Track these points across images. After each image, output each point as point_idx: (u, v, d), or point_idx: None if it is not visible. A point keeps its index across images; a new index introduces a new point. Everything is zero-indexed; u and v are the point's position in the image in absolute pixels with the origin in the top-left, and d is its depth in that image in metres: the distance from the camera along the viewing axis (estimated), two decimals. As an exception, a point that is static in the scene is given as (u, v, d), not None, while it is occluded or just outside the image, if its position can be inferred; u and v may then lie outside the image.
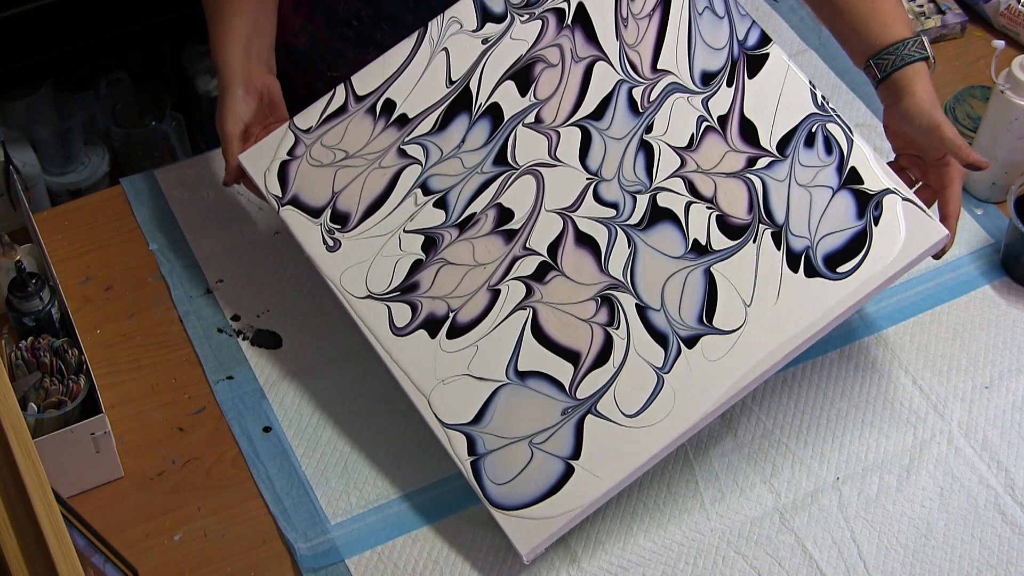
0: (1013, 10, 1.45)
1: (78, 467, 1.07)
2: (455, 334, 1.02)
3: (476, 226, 1.03)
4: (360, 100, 1.10)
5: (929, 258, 1.06)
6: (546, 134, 1.09)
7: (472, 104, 1.09)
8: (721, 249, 1.06)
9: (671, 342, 1.02)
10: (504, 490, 0.98)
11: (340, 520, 1.07)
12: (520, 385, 1.01)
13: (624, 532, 1.06)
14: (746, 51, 1.14)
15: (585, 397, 1.01)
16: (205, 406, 1.15)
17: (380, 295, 1.01)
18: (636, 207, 1.07)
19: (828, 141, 1.09)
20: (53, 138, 1.98)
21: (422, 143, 1.07)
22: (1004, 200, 1.29)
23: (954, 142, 1.07)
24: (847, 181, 1.07)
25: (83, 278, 1.24)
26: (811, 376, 1.16)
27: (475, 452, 0.98)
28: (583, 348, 1.03)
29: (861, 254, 1.04)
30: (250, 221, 1.28)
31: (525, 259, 1.04)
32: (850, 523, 1.07)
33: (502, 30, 1.12)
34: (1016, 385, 1.16)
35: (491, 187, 1.05)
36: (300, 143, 1.07)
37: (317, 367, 1.17)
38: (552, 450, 0.99)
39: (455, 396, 1.00)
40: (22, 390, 1.06)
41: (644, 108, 1.11)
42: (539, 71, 1.11)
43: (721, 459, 1.11)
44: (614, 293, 1.04)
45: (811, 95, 1.11)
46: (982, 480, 1.10)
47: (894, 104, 1.12)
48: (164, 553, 1.05)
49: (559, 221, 1.06)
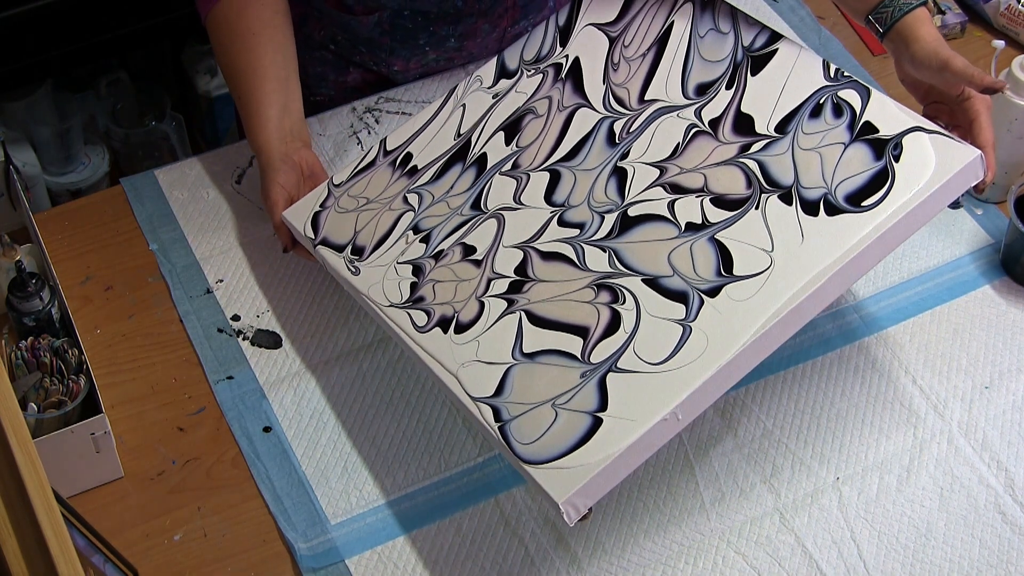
0: (1013, 10, 1.45)
1: (78, 467, 1.07)
2: (460, 331, 1.04)
3: (447, 258, 1.10)
4: (387, 155, 1.20)
5: (930, 261, 1.06)
6: (517, 178, 1.14)
7: (467, 154, 1.17)
8: (719, 221, 1.04)
9: (691, 297, 1.00)
10: (532, 448, 0.95)
11: (340, 520, 1.07)
12: (530, 363, 1.00)
13: (624, 532, 1.06)
14: (751, 53, 1.14)
15: (601, 360, 0.99)
16: (205, 406, 1.15)
17: (400, 305, 1.08)
18: (604, 223, 1.08)
19: (837, 107, 1.08)
20: (53, 138, 1.98)
21: (419, 192, 1.16)
22: (1004, 200, 1.29)
23: (965, 71, 1.07)
24: (859, 134, 1.06)
25: (83, 278, 1.24)
26: (811, 376, 1.16)
27: (501, 419, 0.97)
28: (590, 324, 1.01)
29: (886, 187, 1.02)
30: (250, 221, 1.28)
31: (497, 280, 1.07)
32: (850, 523, 1.07)
33: (510, 85, 1.21)
34: (1016, 385, 1.16)
35: (463, 228, 1.12)
36: (331, 196, 1.18)
37: (317, 367, 1.17)
38: (576, 407, 0.97)
39: (475, 376, 1.01)
40: (22, 390, 1.06)
41: (622, 139, 1.13)
42: (527, 122, 1.18)
43: (721, 459, 1.11)
44: (610, 281, 1.04)
45: (823, 69, 1.11)
46: (982, 480, 1.10)
47: (903, 53, 1.12)
48: (164, 553, 1.05)
49: (519, 253, 1.08)
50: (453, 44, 1.36)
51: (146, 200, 1.30)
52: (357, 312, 1.21)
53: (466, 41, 1.36)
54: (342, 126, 1.36)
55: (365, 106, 1.37)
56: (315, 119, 1.36)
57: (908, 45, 1.11)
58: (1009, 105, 1.24)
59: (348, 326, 1.20)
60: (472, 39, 1.36)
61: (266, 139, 1.20)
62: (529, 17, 1.39)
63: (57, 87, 1.99)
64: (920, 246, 1.26)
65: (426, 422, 1.13)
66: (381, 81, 1.40)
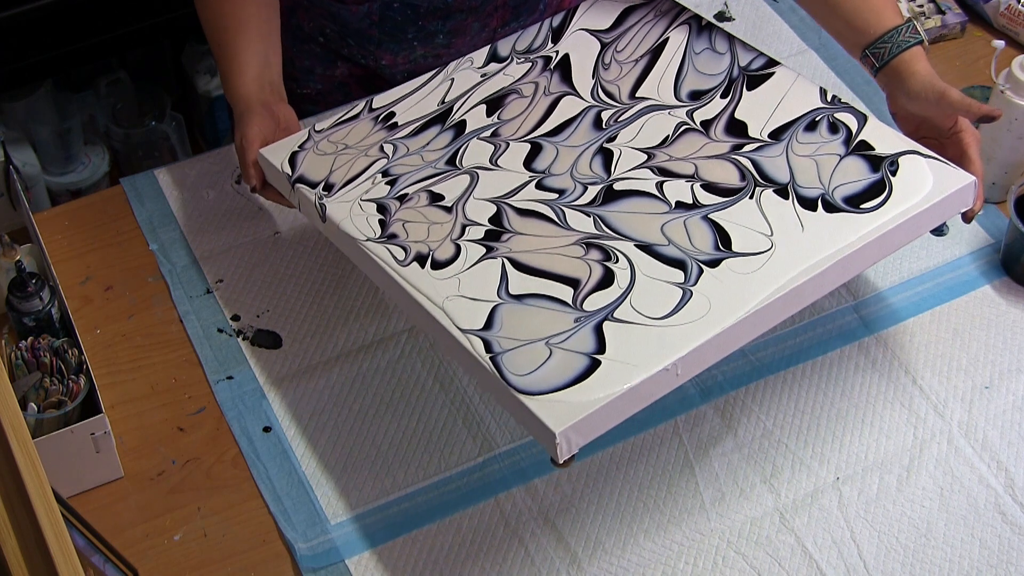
0: (1013, 10, 1.45)
1: (78, 467, 1.07)
2: (437, 267, 1.02)
3: (412, 201, 1.09)
4: (372, 111, 1.20)
5: (930, 261, 1.06)
6: (496, 144, 1.13)
7: (448, 118, 1.17)
8: (712, 203, 1.03)
9: (690, 265, 0.98)
10: (527, 379, 0.92)
11: (340, 520, 1.07)
12: (518, 303, 0.98)
13: (624, 532, 1.06)
14: (747, 72, 1.15)
15: (595, 309, 0.96)
16: (205, 406, 1.15)
17: (375, 239, 1.06)
18: (587, 192, 1.06)
19: (833, 125, 1.08)
20: (53, 138, 1.98)
21: (395, 144, 1.15)
22: (1004, 200, 1.29)
23: (962, 103, 1.08)
24: (855, 149, 1.06)
25: (83, 278, 1.24)
26: (811, 376, 1.16)
27: (492, 351, 0.94)
28: (581, 276, 0.99)
29: (883, 195, 1.02)
30: (250, 221, 1.28)
31: (472, 227, 1.05)
32: (850, 523, 1.07)
33: (499, 68, 1.22)
34: (1016, 385, 1.16)
35: (433, 178, 1.11)
36: (311, 139, 1.17)
37: (317, 367, 1.17)
38: (572, 348, 0.93)
39: (461, 308, 0.98)
40: (22, 390, 1.06)
41: (609, 126, 1.13)
42: (511, 100, 1.18)
43: (721, 459, 1.11)
44: (600, 241, 1.02)
45: (820, 94, 1.12)
46: (982, 480, 1.10)
47: (897, 88, 1.13)
48: (164, 553, 1.05)
49: (491, 206, 1.07)
50: (441, 40, 1.36)
51: (146, 200, 1.30)
52: (357, 312, 1.21)
53: (455, 39, 1.36)
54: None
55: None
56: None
57: (904, 80, 1.12)
58: (1009, 105, 1.24)
59: (348, 326, 1.20)
60: (461, 37, 1.36)
61: (245, 86, 1.18)
62: (520, 19, 1.39)
63: (57, 87, 1.99)
64: (920, 246, 1.26)
65: (426, 422, 1.13)
66: (369, 76, 1.40)
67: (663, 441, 1.12)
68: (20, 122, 1.95)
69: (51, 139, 1.98)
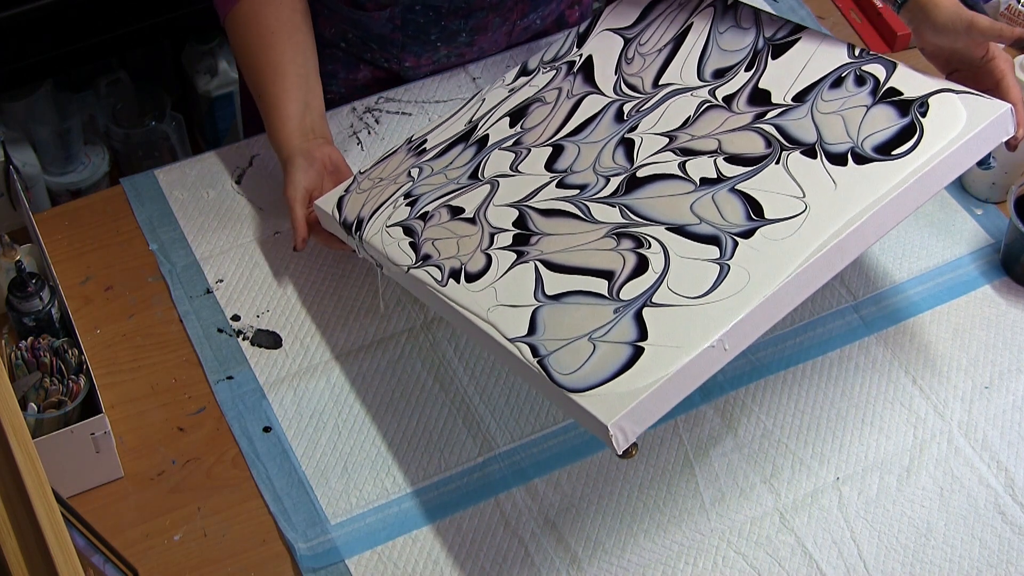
0: (1013, 10, 1.45)
1: (78, 467, 1.07)
2: (471, 279, 1.03)
3: (434, 219, 1.09)
4: (409, 143, 1.22)
5: (930, 261, 1.06)
6: (517, 152, 1.14)
7: (471, 136, 1.18)
8: (737, 175, 1.03)
9: (724, 240, 0.98)
10: (574, 376, 0.92)
11: (340, 520, 1.07)
12: (556, 304, 0.98)
13: (624, 532, 1.06)
14: (772, 42, 1.14)
15: (632, 297, 0.96)
16: (205, 406, 1.15)
17: (414, 266, 1.06)
18: (609, 184, 1.06)
19: (860, 77, 1.07)
20: (53, 138, 1.98)
21: (421, 166, 1.17)
22: (1004, 200, 1.29)
23: (992, 28, 1.07)
24: (883, 97, 1.05)
25: (83, 278, 1.24)
26: (811, 376, 1.16)
27: (538, 354, 0.95)
28: (615, 268, 0.99)
29: (915, 138, 1.01)
30: (250, 221, 1.28)
31: (500, 234, 1.05)
32: (850, 523, 1.07)
33: (526, 81, 1.23)
34: (1016, 385, 1.16)
35: (452, 193, 1.12)
36: (355, 181, 1.19)
37: (317, 367, 1.17)
38: (614, 339, 0.94)
39: (505, 318, 0.99)
40: (22, 390, 1.06)
41: (631, 116, 1.13)
42: (533, 108, 1.19)
43: (721, 459, 1.11)
44: (630, 230, 1.02)
45: (848, 49, 1.10)
46: (982, 480, 1.10)
47: (923, 22, 1.11)
48: (164, 553, 1.05)
49: (513, 210, 1.07)
50: (464, 39, 1.36)
51: (146, 200, 1.30)
52: (357, 312, 1.21)
53: (477, 36, 1.36)
54: (342, 126, 1.36)
55: (365, 106, 1.37)
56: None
57: (929, 12, 1.10)
58: (1009, 105, 1.24)
59: (348, 326, 1.20)
60: (483, 33, 1.36)
61: (287, 136, 1.20)
62: (538, 10, 1.39)
63: (57, 87, 1.99)
64: (920, 246, 1.26)
65: (426, 422, 1.13)
66: (392, 78, 1.41)
67: (663, 441, 1.12)
68: (20, 122, 1.95)
69: (51, 139, 1.98)
